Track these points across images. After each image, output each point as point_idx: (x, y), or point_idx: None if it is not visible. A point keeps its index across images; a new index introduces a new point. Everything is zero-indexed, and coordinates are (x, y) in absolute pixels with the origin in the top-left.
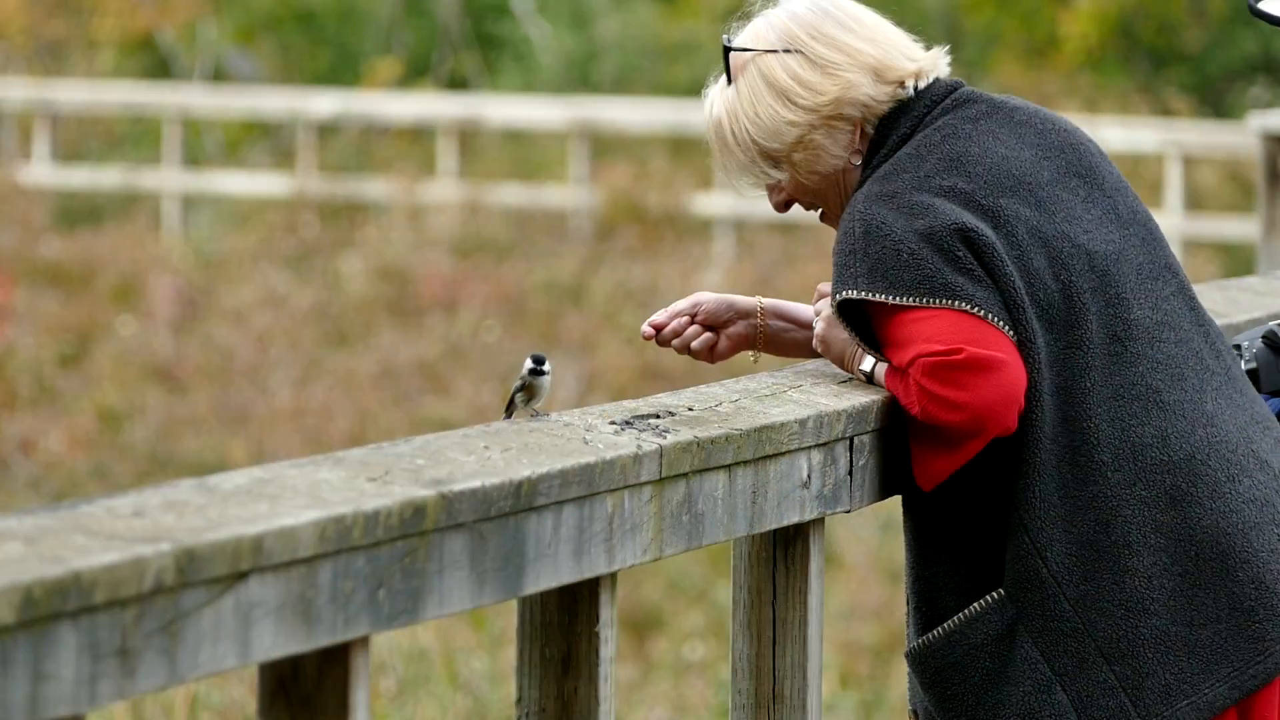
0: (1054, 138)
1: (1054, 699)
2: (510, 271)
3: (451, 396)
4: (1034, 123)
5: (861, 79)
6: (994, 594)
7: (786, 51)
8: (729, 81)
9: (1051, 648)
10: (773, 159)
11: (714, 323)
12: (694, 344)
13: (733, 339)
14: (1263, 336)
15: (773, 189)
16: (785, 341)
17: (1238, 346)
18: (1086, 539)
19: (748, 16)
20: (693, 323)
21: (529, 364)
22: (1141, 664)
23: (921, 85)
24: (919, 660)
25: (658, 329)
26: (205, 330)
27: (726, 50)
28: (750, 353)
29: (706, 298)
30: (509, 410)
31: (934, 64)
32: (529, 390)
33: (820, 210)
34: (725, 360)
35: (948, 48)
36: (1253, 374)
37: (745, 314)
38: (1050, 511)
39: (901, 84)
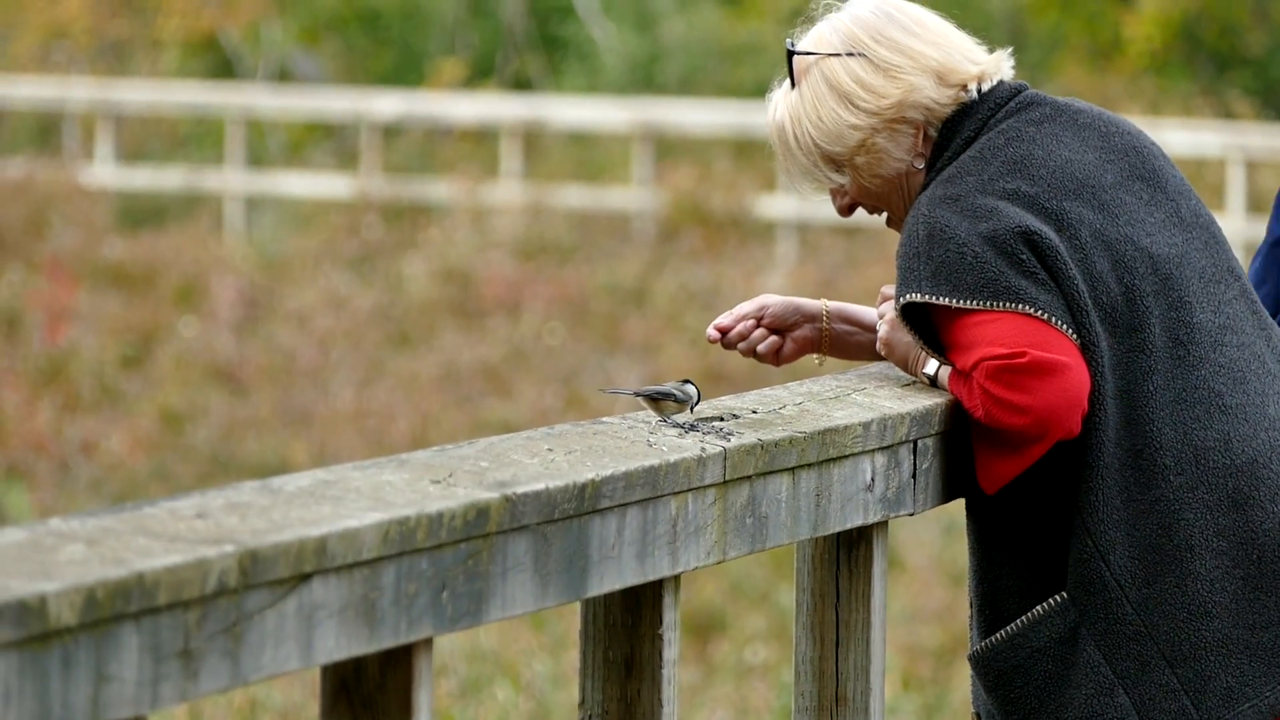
0: (1117, 141)
1: (1116, 701)
2: (573, 273)
3: (514, 398)
4: (1097, 126)
5: (924, 82)
6: (1057, 597)
7: (850, 55)
8: (792, 85)
9: (1114, 651)
10: (835, 162)
11: (780, 326)
12: (760, 347)
13: (798, 342)
14: None
15: (836, 193)
16: (850, 345)
17: None
18: (1149, 542)
19: (811, 20)
20: (758, 326)
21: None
22: (1204, 667)
23: (985, 88)
24: (982, 663)
25: (723, 331)
26: (267, 331)
27: (790, 54)
28: (815, 355)
29: (772, 300)
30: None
31: (997, 67)
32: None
33: (885, 214)
34: (790, 363)
35: (1010, 50)
36: None
37: (811, 317)
38: (1113, 515)
39: (964, 87)
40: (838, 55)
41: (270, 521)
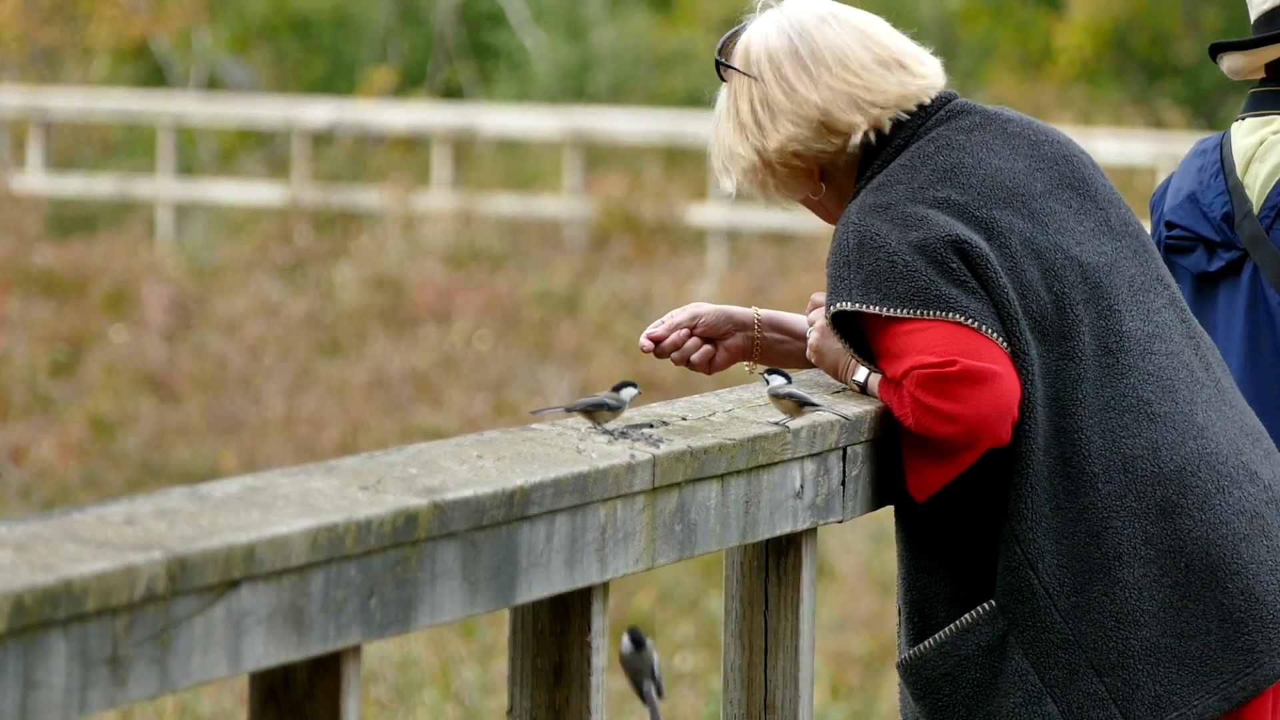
0: (1047, 149)
1: (1044, 710)
2: (504, 281)
3: (444, 406)
4: (1027, 134)
5: (802, 131)
6: (985, 605)
7: (754, 80)
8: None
9: (1042, 659)
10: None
11: (712, 335)
12: (694, 357)
13: (730, 350)
14: None
15: None
16: (781, 353)
17: None
18: (1077, 551)
19: (755, 10)
20: (691, 335)
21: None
22: (1132, 675)
23: (886, 127)
24: (910, 671)
25: (656, 341)
26: (198, 339)
27: (719, 64)
28: (746, 363)
29: (704, 309)
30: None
31: (908, 99)
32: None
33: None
34: (721, 371)
35: (940, 61)
36: None
37: (742, 325)
38: (1042, 523)
39: (849, 136)
40: (747, 75)
41: (199, 528)
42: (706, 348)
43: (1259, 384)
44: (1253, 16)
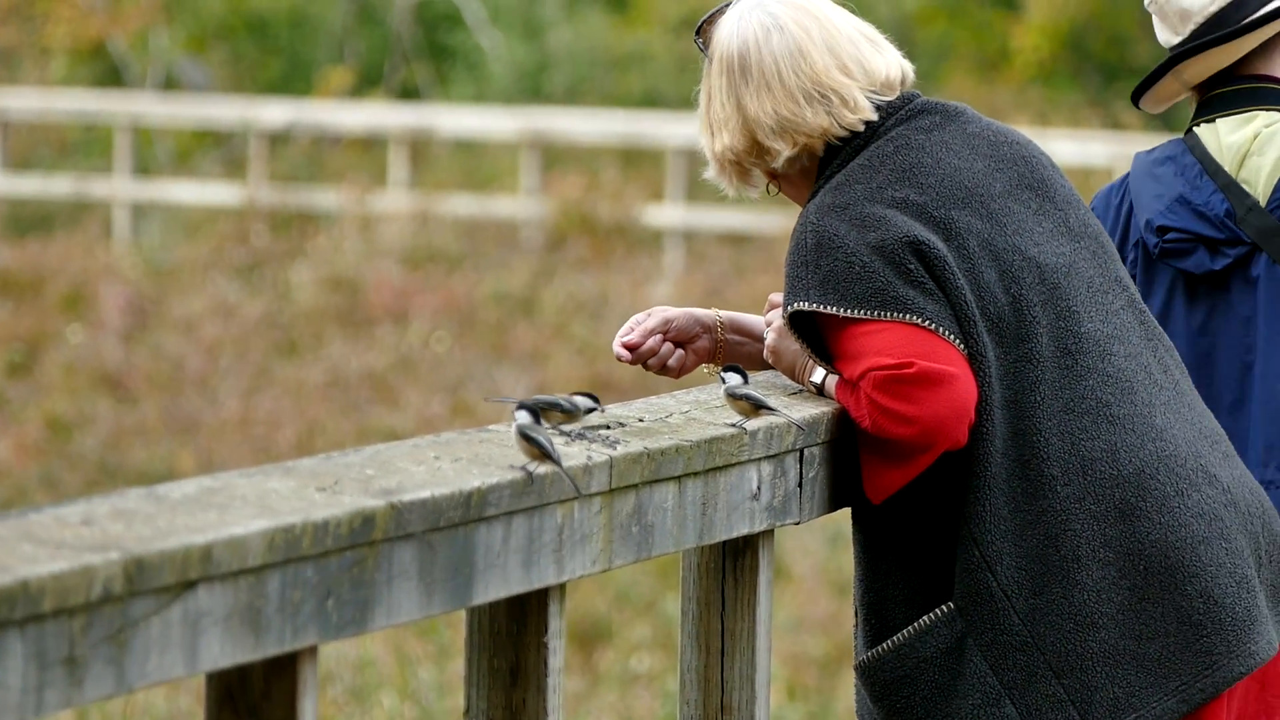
0: (1006, 150)
1: (1003, 712)
2: (461, 282)
3: (400, 407)
4: (986, 134)
5: (738, 143)
6: (943, 607)
7: (710, 76)
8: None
9: (1000, 661)
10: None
11: (683, 339)
12: (670, 361)
13: (698, 353)
14: None
15: None
16: (742, 355)
17: None
18: (1036, 553)
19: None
20: (665, 340)
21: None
22: (1090, 678)
23: (818, 150)
24: (868, 673)
25: (631, 349)
26: (155, 340)
27: (698, 42)
28: (705, 366)
29: (673, 313)
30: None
31: (826, 131)
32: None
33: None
34: (688, 374)
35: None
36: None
37: (707, 328)
38: (1000, 525)
39: (776, 156)
40: (710, 66)
41: (156, 529)
42: (680, 352)
43: None
44: (1191, 26)
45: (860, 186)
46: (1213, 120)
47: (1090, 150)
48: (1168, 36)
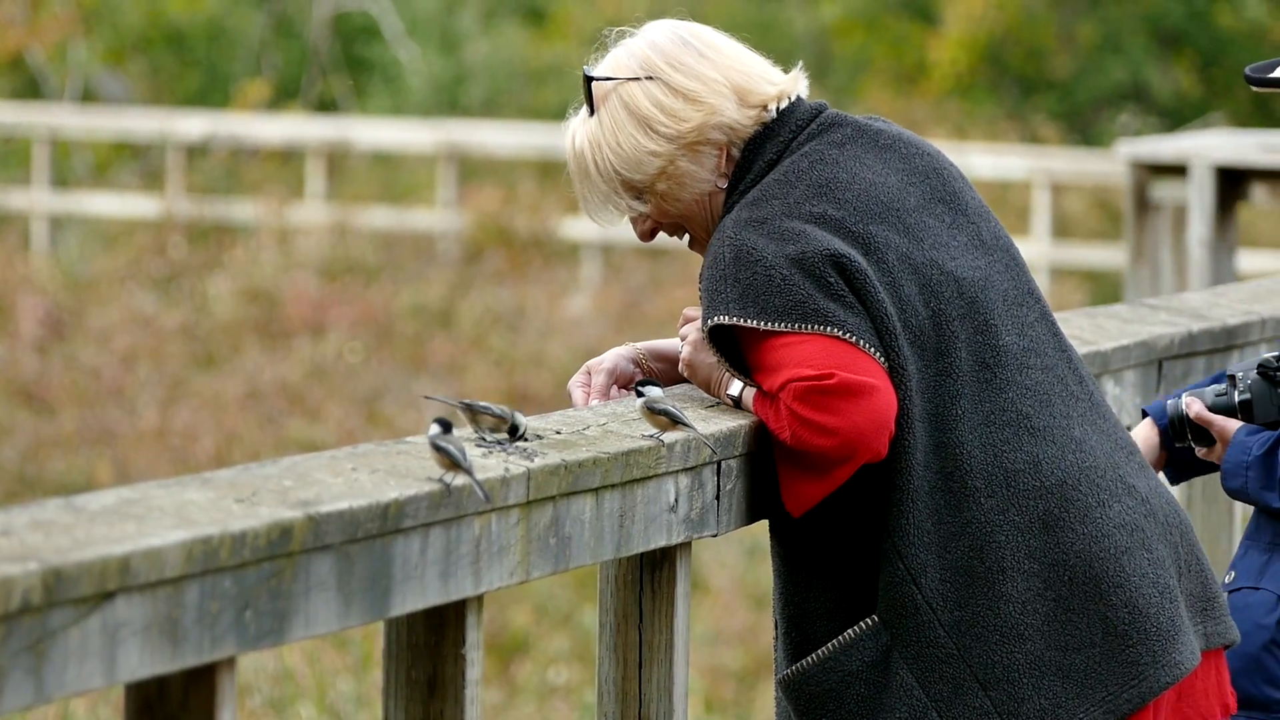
0: (918, 162)
1: None
2: (378, 294)
3: (319, 419)
4: (897, 147)
5: (724, 104)
6: (868, 620)
7: (648, 79)
8: (591, 112)
9: (927, 674)
10: (636, 190)
11: (624, 383)
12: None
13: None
14: (1258, 367)
15: (636, 220)
16: (668, 380)
17: (1231, 377)
18: (960, 565)
19: (605, 47)
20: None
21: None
22: (1017, 689)
23: (783, 106)
24: (792, 687)
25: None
26: (71, 351)
27: (588, 80)
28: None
29: (610, 364)
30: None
31: (794, 85)
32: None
33: (687, 236)
34: None
35: (800, 64)
36: (1245, 405)
37: (637, 363)
38: (924, 538)
39: (765, 106)
40: (636, 79)
41: (74, 539)
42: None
43: None
44: None
45: (777, 202)
46: None
47: (1008, 164)
48: None
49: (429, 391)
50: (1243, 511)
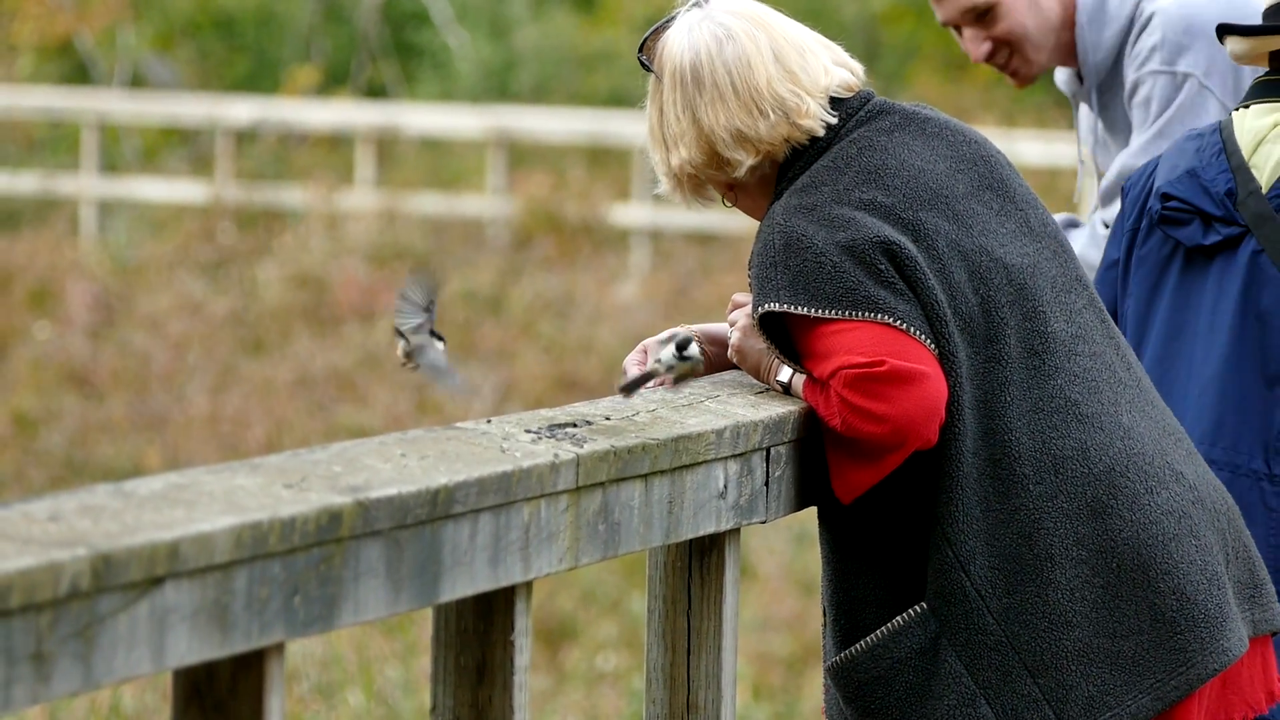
0: (965, 150)
1: (979, 712)
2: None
3: (368, 405)
4: (945, 134)
5: (697, 156)
6: (917, 608)
7: (663, 90)
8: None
9: (975, 661)
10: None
11: None
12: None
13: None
14: None
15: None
16: (720, 364)
17: None
18: (1009, 552)
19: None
20: None
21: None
22: (1065, 676)
23: (781, 157)
24: (841, 674)
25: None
26: (121, 336)
27: (642, 58)
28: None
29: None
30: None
31: (784, 140)
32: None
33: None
34: None
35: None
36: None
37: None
38: (972, 525)
39: (737, 167)
40: (660, 83)
41: (123, 525)
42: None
43: (1244, 361)
44: (1264, 4)
45: (827, 189)
46: (1247, 105)
47: (1057, 151)
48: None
49: (478, 377)
50: None
